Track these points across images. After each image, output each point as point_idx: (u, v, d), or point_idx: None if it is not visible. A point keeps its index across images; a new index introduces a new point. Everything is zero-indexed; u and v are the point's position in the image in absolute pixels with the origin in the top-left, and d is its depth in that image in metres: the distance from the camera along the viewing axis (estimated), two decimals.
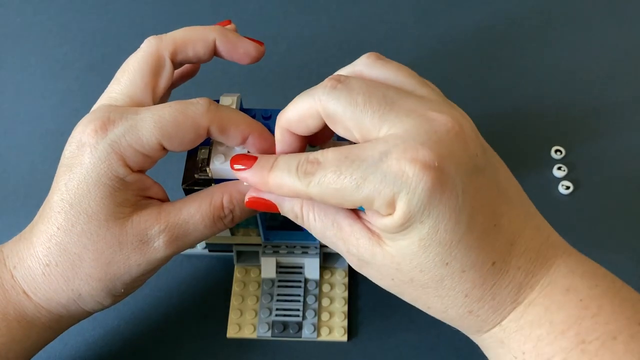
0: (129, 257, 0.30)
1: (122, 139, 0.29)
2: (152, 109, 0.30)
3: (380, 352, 0.38)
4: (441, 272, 0.27)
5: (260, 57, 0.34)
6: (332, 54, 0.54)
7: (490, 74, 0.53)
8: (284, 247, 0.40)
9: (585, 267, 0.29)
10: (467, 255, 0.26)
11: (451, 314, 0.29)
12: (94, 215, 0.29)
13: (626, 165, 0.47)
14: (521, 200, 0.29)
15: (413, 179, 0.25)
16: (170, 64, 0.32)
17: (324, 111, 0.27)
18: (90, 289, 0.30)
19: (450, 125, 0.26)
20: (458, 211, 0.26)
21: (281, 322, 0.39)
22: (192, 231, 0.31)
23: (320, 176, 0.26)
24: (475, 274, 0.27)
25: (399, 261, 0.27)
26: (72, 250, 0.29)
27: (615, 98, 0.51)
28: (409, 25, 0.56)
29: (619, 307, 0.27)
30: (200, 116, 0.29)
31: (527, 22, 0.56)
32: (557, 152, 0.47)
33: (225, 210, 0.31)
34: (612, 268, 0.37)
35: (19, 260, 0.30)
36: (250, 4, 0.57)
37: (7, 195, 0.46)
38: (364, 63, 0.29)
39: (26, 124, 0.50)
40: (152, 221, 0.30)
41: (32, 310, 0.31)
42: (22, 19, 0.57)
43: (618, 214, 0.44)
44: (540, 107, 0.50)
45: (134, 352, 0.39)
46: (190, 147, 0.30)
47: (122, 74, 0.32)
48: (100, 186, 0.29)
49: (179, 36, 0.32)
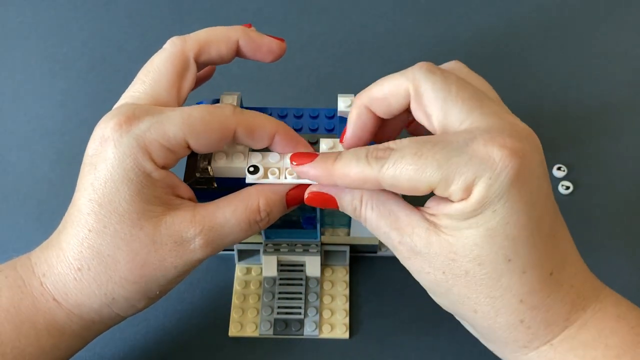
0: (164, 259, 0.29)
1: (148, 133, 0.28)
2: (179, 108, 0.29)
3: (381, 350, 0.38)
4: (501, 267, 0.26)
5: (282, 54, 0.34)
6: (332, 54, 0.54)
7: (490, 74, 0.52)
8: (285, 245, 0.40)
9: (628, 302, 0.29)
10: (531, 255, 0.26)
11: (500, 322, 0.27)
12: (126, 215, 0.28)
13: (626, 165, 0.47)
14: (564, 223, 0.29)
15: (499, 164, 0.25)
16: (195, 65, 0.32)
17: (415, 90, 0.28)
18: (125, 292, 0.29)
19: (529, 131, 0.28)
20: (532, 207, 0.26)
21: (283, 320, 0.39)
22: (227, 234, 0.30)
23: (396, 159, 0.26)
24: (535, 278, 0.26)
25: (457, 250, 0.26)
26: (106, 253, 0.28)
27: (615, 99, 0.51)
28: (409, 25, 0.56)
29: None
30: (228, 118, 0.29)
31: (527, 23, 0.56)
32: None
33: (261, 213, 0.31)
34: (612, 269, 0.38)
35: (49, 267, 0.30)
36: (250, 4, 0.57)
37: (7, 195, 0.46)
38: (453, 67, 0.31)
39: (26, 124, 0.50)
40: (186, 223, 0.29)
41: (63, 318, 0.30)
42: (22, 19, 0.57)
43: (618, 214, 0.44)
44: (540, 107, 0.50)
45: (135, 351, 0.39)
46: (214, 149, 0.30)
47: (146, 74, 0.31)
48: (128, 183, 0.28)
49: (203, 37, 0.32)
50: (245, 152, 0.32)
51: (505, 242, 0.26)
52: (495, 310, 0.27)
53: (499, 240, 0.26)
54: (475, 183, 0.25)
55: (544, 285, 0.27)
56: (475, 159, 0.25)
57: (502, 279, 0.26)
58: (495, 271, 0.26)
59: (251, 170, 0.31)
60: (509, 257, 0.26)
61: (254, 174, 0.31)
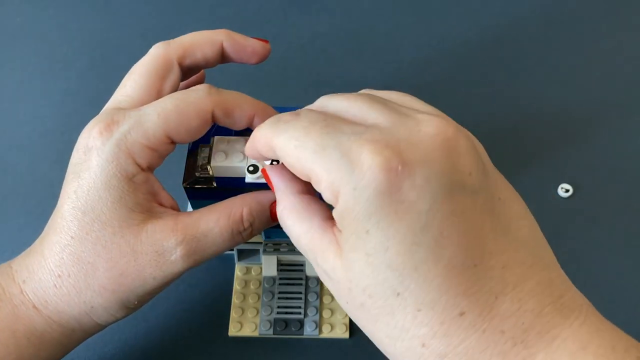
0: (144, 269, 0.29)
1: (128, 136, 0.28)
2: (153, 103, 0.29)
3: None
4: (392, 302, 0.22)
5: (267, 55, 0.34)
6: (332, 53, 0.54)
7: (490, 75, 0.53)
8: (285, 245, 0.40)
9: (602, 339, 0.22)
10: (424, 289, 0.21)
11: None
12: (108, 222, 0.28)
13: (626, 168, 0.47)
14: (534, 246, 0.24)
15: (367, 174, 0.21)
16: (178, 68, 0.32)
17: None
18: (103, 301, 0.29)
19: (440, 130, 0.22)
20: (419, 232, 0.21)
21: (283, 320, 0.39)
22: (210, 245, 0.29)
23: (294, 127, 0.24)
24: (435, 319, 0.22)
25: (351, 278, 0.23)
26: (86, 260, 0.28)
27: (614, 99, 0.51)
28: (409, 25, 0.56)
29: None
30: (203, 101, 0.29)
31: (527, 23, 0.56)
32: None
33: (244, 223, 0.30)
34: (612, 272, 0.37)
35: (29, 273, 0.29)
36: (250, 4, 0.58)
37: (7, 195, 0.46)
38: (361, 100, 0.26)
39: (26, 124, 0.50)
40: (168, 232, 0.29)
41: (43, 325, 0.29)
42: (22, 19, 0.57)
43: (617, 217, 0.44)
44: (539, 108, 0.50)
45: (135, 351, 0.39)
46: (198, 135, 0.30)
47: (128, 78, 0.31)
48: (110, 189, 0.28)
49: (187, 40, 0.32)
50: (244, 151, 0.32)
51: (388, 272, 0.22)
52: (399, 352, 0.23)
53: (381, 269, 0.22)
54: (339, 190, 0.22)
55: (451, 329, 0.22)
56: (345, 158, 0.22)
57: (396, 316, 0.22)
58: (386, 307, 0.22)
59: (251, 170, 0.31)
60: (397, 290, 0.22)
61: (253, 173, 0.31)
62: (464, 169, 0.22)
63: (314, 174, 0.23)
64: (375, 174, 0.21)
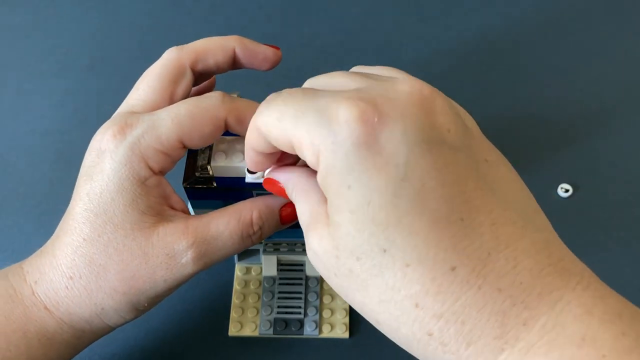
0: (155, 272, 0.29)
1: (142, 140, 0.28)
2: (167, 108, 0.29)
3: (381, 349, 0.38)
4: (380, 261, 0.21)
5: (278, 61, 0.34)
6: (332, 53, 0.54)
7: (490, 75, 0.53)
8: (285, 244, 0.40)
9: (607, 305, 0.21)
10: (410, 243, 0.21)
11: (406, 334, 0.22)
12: (120, 225, 0.28)
13: (625, 168, 0.47)
14: (525, 209, 0.23)
15: (343, 127, 0.21)
16: (191, 72, 0.32)
17: None
18: (114, 303, 0.29)
19: (416, 88, 0.22)
20: (399, 184, 0.21)
21: (283, 320, 0.39)
22: (220, 248, 0.30)
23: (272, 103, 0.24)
24: (425, 274, 0.21)
25: (337, 245, 0.22)
26: (98, 262, 0.29)
27: (614, 99, 0.51)
28: (409, 25, 0.56)
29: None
30: (217, 108, 0.29)
31: (527, 23, 0.56)
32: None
33: (254, 226, 0.30)
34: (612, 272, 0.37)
35: (41, 275, 0.30)
36: (250, 4, 0.58)
37: (7, 195, 0.46)
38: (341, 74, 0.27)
39: (26, 124, 0.50)
40: (179, 235, 0.29)
41: (54, 326, 0.30)
42: (22, 19, 0.57)
43: (617, 217, 0.44)
44: (539, 108, 0.50)
45: (135, 351, 0.39)
46: (210, 141, 0.30)
47: (141, 82, 0.31)
48: (123, 192, 0.28)
49: (200, 45, 0.32)
50: None
51: (373, 228, 0.21)
52: (394, 318, 0.22)
53: (366, 225, 0.21)
54: (319, 148, 0.22)
55: (444, 284, 0.21)
56: (324, 116, 0.22)
57: (385, 276, 0.21)
58: (375, 266, 0.21)
59: (251, 170, 0.31)
60: (383, 247, 0.21)
61: (253, 173, 0.31)
62: (441, 126, 0.22)
63: (296, 139, 0.23)
64: (351, 126, 0.21)
